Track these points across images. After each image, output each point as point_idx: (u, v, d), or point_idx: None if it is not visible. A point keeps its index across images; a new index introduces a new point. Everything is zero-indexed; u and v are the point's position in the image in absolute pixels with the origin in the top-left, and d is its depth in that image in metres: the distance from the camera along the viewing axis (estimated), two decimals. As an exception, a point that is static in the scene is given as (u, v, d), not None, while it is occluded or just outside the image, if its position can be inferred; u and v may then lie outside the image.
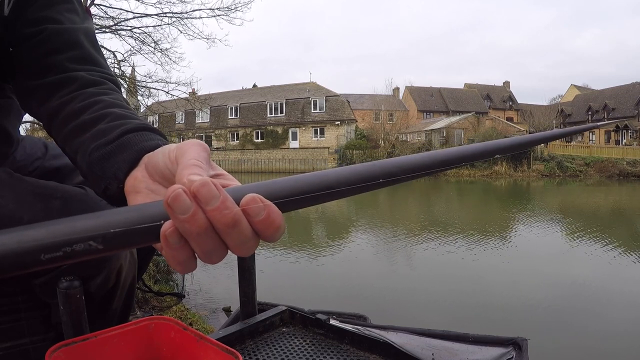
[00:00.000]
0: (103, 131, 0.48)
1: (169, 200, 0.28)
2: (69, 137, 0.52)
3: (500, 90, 49.36)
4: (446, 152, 0.36)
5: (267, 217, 0.30)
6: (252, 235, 0.31)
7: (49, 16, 0.61)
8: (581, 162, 25.49)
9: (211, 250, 0.31)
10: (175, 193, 0.28)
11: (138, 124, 0.48)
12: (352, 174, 0.32)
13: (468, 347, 0.94)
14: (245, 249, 0.31)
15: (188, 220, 0.29)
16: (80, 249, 0.28)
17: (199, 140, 0.38)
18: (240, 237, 0.30)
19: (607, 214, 11.45)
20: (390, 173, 0.33)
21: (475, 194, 17.80)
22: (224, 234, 0.30)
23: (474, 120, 34.74)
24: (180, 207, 0.28)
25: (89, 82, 0.57)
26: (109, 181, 0.44)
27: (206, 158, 0.36)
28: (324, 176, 0.32)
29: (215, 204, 0.29)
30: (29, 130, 7.87)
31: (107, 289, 0.73)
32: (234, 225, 0.29)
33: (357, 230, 9.01)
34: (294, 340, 0.99)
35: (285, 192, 0.31)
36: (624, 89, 36.93)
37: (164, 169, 0.39)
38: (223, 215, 0.29)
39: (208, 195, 0.29)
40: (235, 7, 6.88)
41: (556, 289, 4.87)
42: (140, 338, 0.68)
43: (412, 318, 3.77)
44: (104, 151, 0.46)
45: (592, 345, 3.39)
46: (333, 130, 32.87)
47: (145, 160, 0.42)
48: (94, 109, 0.51)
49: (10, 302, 0.70)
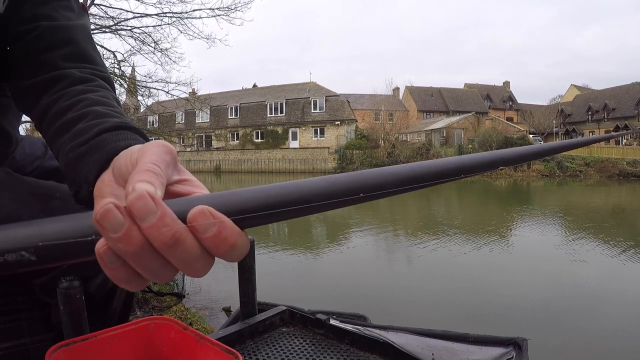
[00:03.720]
0: (81, 131, 0.46)
1: (97, 217, 0.25)
2: (53, 137, 0.50)
3: (500, 90, 49.36)
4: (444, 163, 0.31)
5: (217, 234, 0.26)
6: (201, 255, 0.27)
7: (43, 13, 0.60)
8: (581, 162, 25.49)
9: (154, 269, 0.28)
10: (105, 209, 0.25)
11: (115, 123, 0.45)
12: (329, 186, 0.28)
13: (468, 347, 0.94)
14: (194, 269, 0.28)
15: (121, 240, 0.26)
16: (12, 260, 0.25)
17: (163, 142, 0.35)
18: (185, 256, 0.27)
19: (607, 214, 11.44)
20: (373, 186, 0.29)
21: (475, 193, 17.79)
22: (166, 253, 0.27)
23: (474, 120, 34.74)
24: (111, 225, 0.26)
25: (77, 80, 0.56)
26: (80, 184, 0.42)
27: (167, 161, 0.33)
28: (294, 187, 0.28)
29: (151, 221, 0.26)
30: (29, 130, 7.88)
31: (107, 289, 0.73)
32: (174, 245, 0.26)
33: (356, 230, 9.01)
34: (294, 340, 0.99)
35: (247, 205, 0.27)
36: (624, 89, 36.92)
37: (125, 172, 0.35)
38: (160, 234, 0.26)
39: (143, 210, 0.26)
40: (235, 7, 6.87)
41: (556, 288, 4.86)
42: (140, 338, 0.68)
43: (412, 318, 3.77)
44: (78, 152, 0.44)
45: (592, 345, 3.39)
46: (333, 130, 32.86)
47: (114, 163, 0.39)
48: (77, 108, 0.50)
49: (10, 302, 0.70)
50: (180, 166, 0.34)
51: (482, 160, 0.33)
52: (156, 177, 0.30)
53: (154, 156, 0.32)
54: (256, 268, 1.05)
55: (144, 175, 0.30)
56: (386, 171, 0.30)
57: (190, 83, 7.69)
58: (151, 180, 0.29)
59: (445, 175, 0.31)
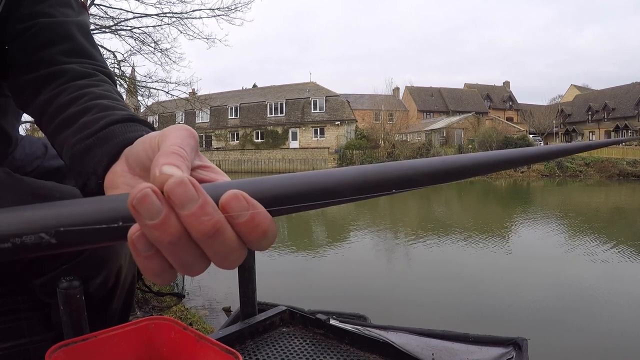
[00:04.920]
0: (86, 124, 0.45)
1: (134, 202, 0.24)
2: (56, 132, 0.50)
3: (500, 90, 49.36)
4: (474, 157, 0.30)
5: (251, 220, 0.25)
6: (238, 246, 0.26)
7: (41, 10, 0.60)
8: (581, 162, 25.49)
9: (188, 261, 0.26)
10: (142, 194, 0.24)
11: (123, 115, 0.45)
12: (359, 177, 0.27)
13: (468, 347, 0.94)
14: (228, 262, 0.27)
15: (157, 227, 0.24)
16: (30, 242, 0.24)
17: (186, 125, 0.34)
18: (222, 247, 0.26)
19: (607, 214, 11.44)
20: (404, 179, 0.28)
21: (475, 193, 17.79)
22: (203, 244, 0.26)
23: (474, 120, 34.74)
24: (147, 211, 0.24)
25: (78, 75, 0.55)
26: (88, 176, 0.41)
27: (192, 145, 0.31)
28: (324, 177, 0.27)
29: (191, 209, 0.24)
30: (29, 130, 7.88)
31: (107, 289, 0.73)
32: (214, 235, 0.25)
33: (356, 230, 9.01)
34: (294, 340, 0.99)
35: (277, 192, 0.26)
36: (624, 89, 36.92)
37: (145, 159, 0.34)
38: (200, 223, 0.24)
39: (184, 196, 0.24)
40: (235, 7, 6.88)
41: (556, 288, 4.86)
42: (140, 338, 0.68)
43: (412, 318, 3.77)
44: (84, 145, 0.43)
45: (592, 345, 3.39)
46: (333, 130, 32.86)
47: (126, 153, 0.38)
48: (80, 102, 0.49)
49: (10, 302, 0.70)
50: (199, 152, 0.33)
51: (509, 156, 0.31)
52: (183, 161, 0.28)
53: (179, 139, 0.31)
54: (256, 268, 1.05)
55: (171, 157, 0.28)
56: (417, 164, 0.29)
57: (190, 83, 7.70)
58: (178, 164, 0.27)
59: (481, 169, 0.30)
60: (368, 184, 0.27)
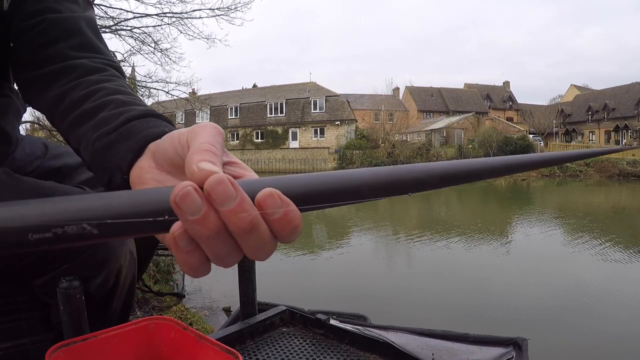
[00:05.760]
0: (105, 119, 0.45)
1: (176, 199, 0.25)
2: (72, 127, 0.50)
3: (500, 90, 49.37)
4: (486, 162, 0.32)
5: (284, 216, 0.27)
6: (270, 239, 0.28)
7: (48, 6, 0.60)
8: (581, 162, 25.45)
9: (225, 254, 0.28)
10: (184, 191, 0.25)
11: (142, 111, 0.45)
12: (379, 178, 0.29)
13: (468, 347, 0.94)
14: (262, 254, 0.29)
15: (198, 222, 0.26)
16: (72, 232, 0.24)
17: (213, 123, 0.35)
18: (257, 241, 0.28)
19: (607, 214, 11.44)
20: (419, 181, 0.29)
21: (475, 193, 17.79)
22: (240, 238, 0.27)
23: (474, 120, 34.74)
24: (189, 208, 0.25)
25: (90, 70, 0.55)
26: (113, 172, 0.41)
27: (220, 143, 0.33)
28: (347, 176, 0.29)
29: (230, 206, 0.26)
30: (29, 130, 7.86)
31: (107, 289, 0.73)
32: (251, 230, 0.27)
33: (357, 230, 9.01)
34: (294, 340, 0.99)
35: (306, 190, 0.28)
36: (624, 89, 36.92)
37: (174, 156, 0.35)
38: (239, 219, 0.26)
39: (224, 195, 0.26)
40: (235, 7, 6.86)
41: (556, 289, 4.87)
42: (140, 338, 0.68)
43: (412, 318, 3.77)
44: (106, 140, 0.43)
45: (592, 345, 3.39)
46: (333, 130, 32.87)
47: (152, 149, 0.39)
48: (95, 97, 0.49)
49: (10, 302, 0.70)
50: (225, 149, 0.34)
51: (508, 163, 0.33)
52: (217, 158, 0.30)
53: (209, 137, 0.32)
54: (256, 268, 1.06)
55: (205, 155, 0.29)
56: (431, 167, 0.30)
57: (190, 83, 7.67)
58: (213, 160, 0.29)
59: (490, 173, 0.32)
60: (386, 185, 0.29)
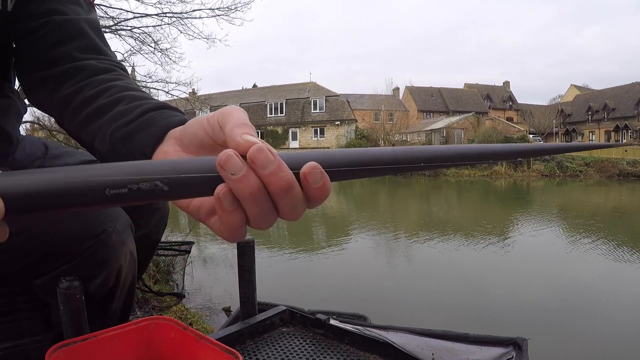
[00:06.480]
0: (121, 112, 0.48)
1: (221, 162, 0.29)
2: (85, 123, 0.51)
3: (500, 90, 49.37)
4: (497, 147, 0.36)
5: (323, 185, 0.31)
6: (303, 200, 0.32)
7: (52, 8, 0.61)
8: (581, 162, 25.49)
9: (263, 214, 0.31)
10: (226, 155, 0.29)
11: (158, 103, 0.48)
12: (394, 155, 0.34)
13: (468, 347, 0.94)
14: (295, 213, 0.32)
15: (240, 180, 0.29)
16: (146, 188, 0.27)
17: (238, 106, 0.38)
18: (292, 201, 0.31)
19: (607, 214, 11.44)
20: (429, 158, 0.34)
21: (475, 193, 17.80)
22: (277, 198, 0.31)
23: (474, 120, 34.74)
24: (232, 167, 0.29)
25: (98, 70, 0.57)
26: (135, 158, 0.43)
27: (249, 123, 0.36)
28: (370, 153, 0.34)
29: (271, 168, 0.30)
30: (29, 130, 7.86)
31: (107, 289, 0.73)
32: (288, 189, 0.30)
33: (357, 230, 9.01)
34: (294, 340, 0.99)
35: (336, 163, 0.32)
36: (624, 89, 36.92)
37: (204, 137, 0.38)
38: (278, 179, 0.30)
39: (264, 160, 0.30)
40: (236, 7, 6.85)
41: (556, 289, 4.86)
42: (140, 338, 0.68)
43: (412, 318, 3.77)
44: (126, 130, 0.46)
45: (592, 345, 3.39)
46: (333, 130, 32.87)
47: (177, 135, 0.42)
48: (108, 94, 0.51)
49: (10, 302, 0.70)
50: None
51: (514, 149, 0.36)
52: (253, 130, 0.33)
53: (243, 114, 0.35)
54: (256, 268, 1.06)
55: (246, 128, 0.33)
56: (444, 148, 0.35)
57: (190, 83, 7.66)
58: (252, 133, 0.33)
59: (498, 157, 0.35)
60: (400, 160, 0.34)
